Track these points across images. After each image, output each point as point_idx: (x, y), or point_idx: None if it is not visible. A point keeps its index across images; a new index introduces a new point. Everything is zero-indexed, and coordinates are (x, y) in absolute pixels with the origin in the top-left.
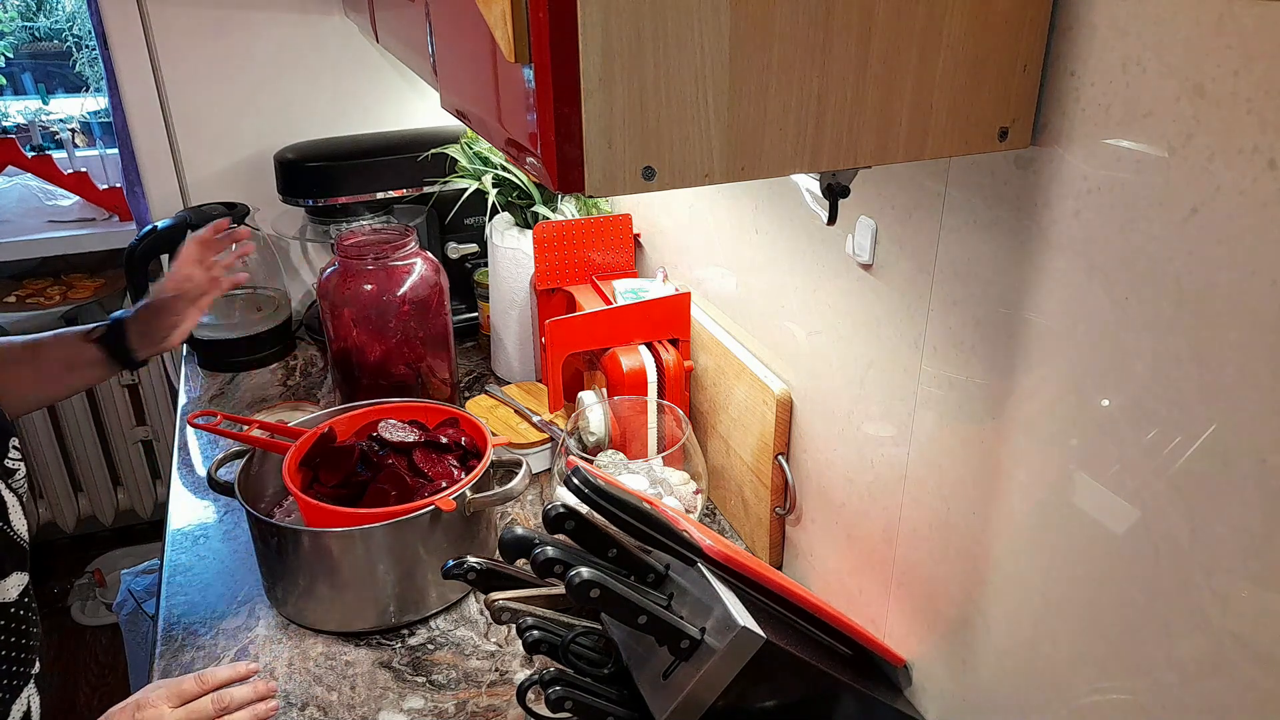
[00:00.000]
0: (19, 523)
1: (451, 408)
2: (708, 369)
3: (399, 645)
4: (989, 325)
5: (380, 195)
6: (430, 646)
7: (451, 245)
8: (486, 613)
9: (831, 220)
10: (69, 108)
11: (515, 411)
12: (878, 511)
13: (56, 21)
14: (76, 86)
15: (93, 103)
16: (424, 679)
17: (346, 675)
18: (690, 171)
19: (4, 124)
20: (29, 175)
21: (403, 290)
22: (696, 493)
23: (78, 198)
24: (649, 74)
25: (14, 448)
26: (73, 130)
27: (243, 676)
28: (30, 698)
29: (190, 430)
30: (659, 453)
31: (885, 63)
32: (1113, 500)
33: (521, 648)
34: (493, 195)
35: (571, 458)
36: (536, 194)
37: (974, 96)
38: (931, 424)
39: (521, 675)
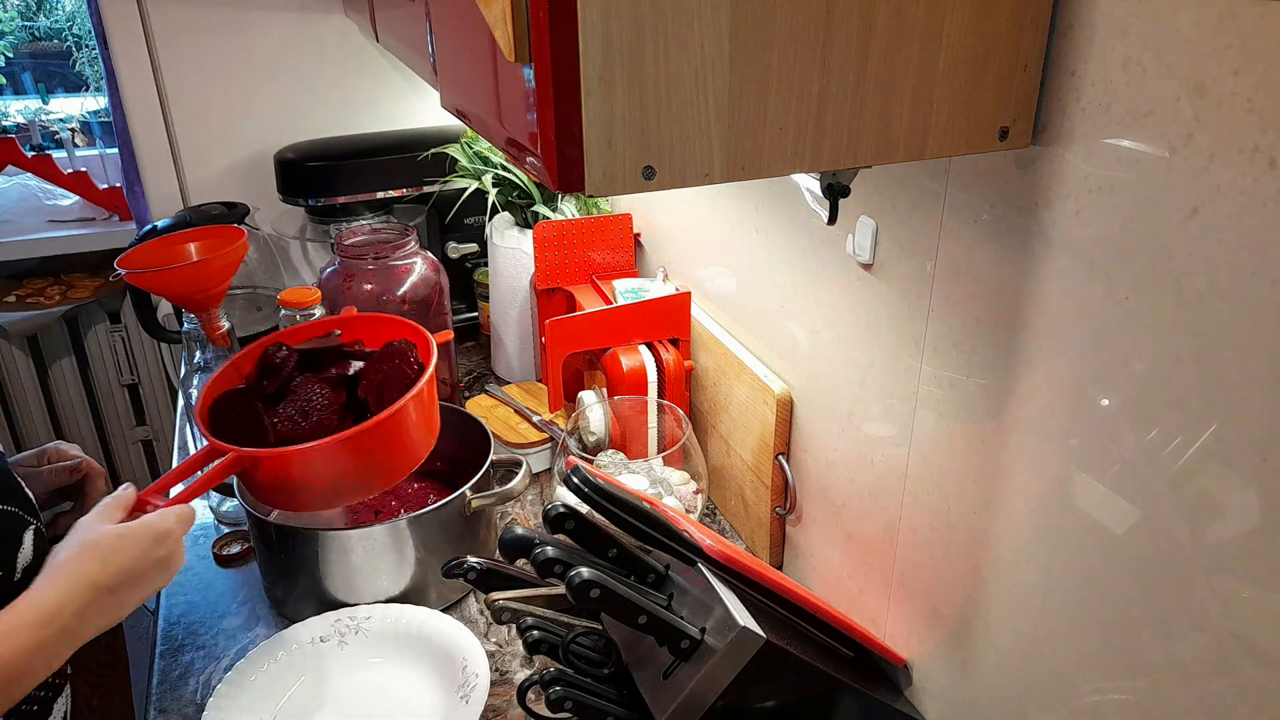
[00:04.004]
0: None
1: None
2: (708, 369)
3: None
4: (989, 325)
5: (380, 195)
6: None
7: (451, 245)
8: (487, 612)
9: (832, 220)
10: (69, 107)
11: (515, 411)
12: (878, 511)
13: (56, 21)
14: (76, 86)
15: (93, 102)
16: None
17: None
18: (690, 171)
19: (4, 123)
20: (29, 175)
21: (403, 290)
22: (696, 493)
23: (78, 197)
24: (649, 74)
25: None
26: (73, 130)
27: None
28: (67, 696)
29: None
30: (659, 453)
31: (886, 62)
32: (1113, 500)
33: (522, 647)
34: (493, 195)
35: (571, 457)
36: (536, 193)
37: (974, 96)
38: (931, 424)
39: (521, 675)
